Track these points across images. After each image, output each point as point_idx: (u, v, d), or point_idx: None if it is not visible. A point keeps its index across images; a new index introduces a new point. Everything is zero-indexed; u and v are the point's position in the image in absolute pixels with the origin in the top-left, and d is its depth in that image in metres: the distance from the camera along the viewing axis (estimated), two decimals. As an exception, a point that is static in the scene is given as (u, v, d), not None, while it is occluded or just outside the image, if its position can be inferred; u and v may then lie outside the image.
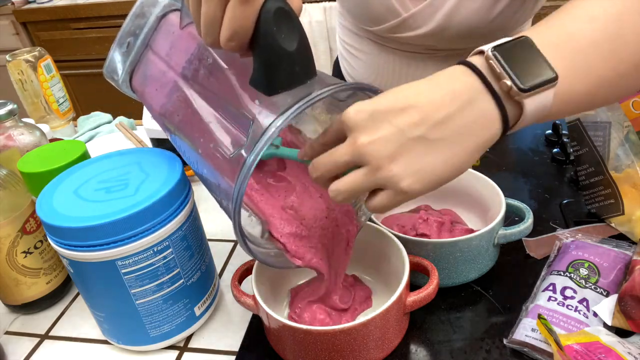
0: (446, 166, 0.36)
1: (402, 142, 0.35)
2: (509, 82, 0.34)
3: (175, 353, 0.51)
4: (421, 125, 0.35)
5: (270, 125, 0.36)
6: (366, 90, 0.40)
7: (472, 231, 0.53)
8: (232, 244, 0.65)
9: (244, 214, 0.46)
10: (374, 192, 0.38)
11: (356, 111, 0.36)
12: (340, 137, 0.38)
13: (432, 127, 0.35)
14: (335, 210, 0.48)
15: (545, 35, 0.37)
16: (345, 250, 0.48)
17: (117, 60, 0.50)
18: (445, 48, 0.79)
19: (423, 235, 0.54)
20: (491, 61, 0.35)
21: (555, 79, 0.35)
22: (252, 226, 0.46)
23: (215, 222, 0.70)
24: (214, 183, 0.42)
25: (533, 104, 0.35)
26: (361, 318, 0.43)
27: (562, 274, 0.50)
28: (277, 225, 0.45)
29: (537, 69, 0.35)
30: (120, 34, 0.49)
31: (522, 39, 0.36)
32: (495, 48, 0.35)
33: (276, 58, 0.36)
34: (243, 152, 0.37)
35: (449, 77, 0.36)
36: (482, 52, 0.36)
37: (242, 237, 0.41)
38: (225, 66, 0.42)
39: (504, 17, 0.74)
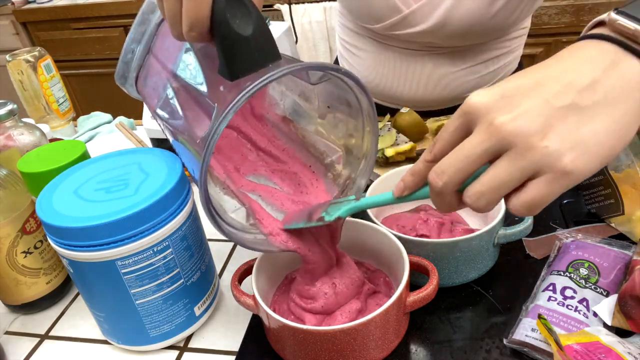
0: (610, 134, 0.30)
1: (550, 113, 0.29)
2: None
3: (175, 353, 0.51)
4: (567, 93, 0.30)
5: (229, 107, 0.36)
6: (332, 71, 0.39)
7: (472, 231, 0.53)
8: (232, 244, 0.66)
9: (230, 201, 0.46)
10: (521, 186, 0.31)
11: (482, 95, 0.31)
12: (459, 139, 0.32)
13: (580, 93, 0.30)
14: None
15: None
16: (332, 244, 0.48)
17: (124, 67, 0.52)
18: (445, 45, 0.79)
19: (423, 235, 0.54)
20: (619, 22, 0.31)
21: None
22: (236, 213, 0.47)
23: (215, 222, 0.70)
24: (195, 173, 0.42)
25: None
26: (361, 318, 0.43)
27: (562, 274, 0.50)
28: (269, 219, 0.46)
29: None
30: (127, 42, 0.51)
31: None
32: (617, 11, 0.31)
33: (233, 44, 0.37)
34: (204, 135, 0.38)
35: (578, 50, 0.32)
36: (602, 23, 0.32)
37: (211, 213, 0.41)
38: (202, 59, 0.44)
39: (503, 14, 0.74)
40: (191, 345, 0.52)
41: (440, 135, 0.34)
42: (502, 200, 0.53)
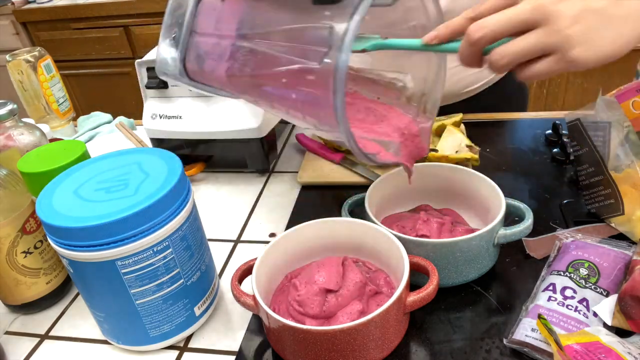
0: (613, 44, 0.38)
1: (585, 8, 0.37)
2: None
3: (175, 353, 0.51)
4: (602, 1, 0.38)
5: (354, 13, 0.39)
6: None
7: (472, 231, 0.52)
8: (232, 244, 0.66)
9: None
10: (535, 59, 0.39)
11: None
12: (503, 6, 0.39)
13: (612, 3, 0.38)
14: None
15: None
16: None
17: (166, 55, 0.53)
18: None
19: (423, 235, 0.54)
20: None
21: None
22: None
23: (215, 222, 0.70)
24: (308, 105, 0.46)
25: None
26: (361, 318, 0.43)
27: (562, 274, 0.50)
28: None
29: None
30: (163, 31, 0.53)
31: None
32: None
33: None
34: (330, 55, 0.40)
35: None
36: None
37: (353, 138, 0.43)
38: (279, 6, 0.48)
39: None
40: (191, 345, 0.52)
41: (488, 1, 0.41)
42: (502, 200, 0.53)
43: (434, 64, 0.53)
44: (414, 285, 0.50)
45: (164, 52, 0.54)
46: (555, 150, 0.74)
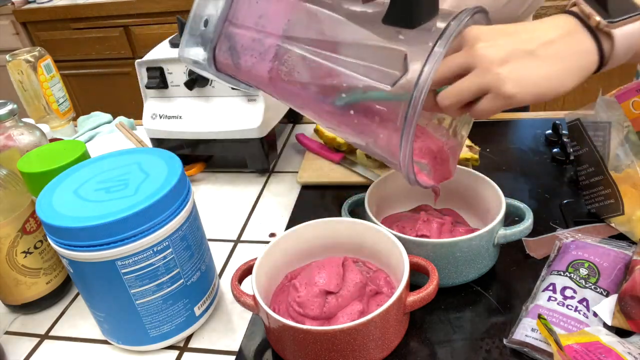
0: (547, 80, 0.41)
1: (513, 51, 0.41)
2: (597, 18, 0.41)
3: (175, 353, 0.51)
4: (532, 42, 0.41)
5: (435, 46, 0.41)
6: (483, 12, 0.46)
7: (472, 231, 0.52)
8: (232, 244, 0.66)
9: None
10: (476, 100, 0.43)
11: (478, 28, 0.43)
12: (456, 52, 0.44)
13: (540, 45, 0.41)
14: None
15: None
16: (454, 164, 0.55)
17: (194, 41, 0.52)
18: None
19: (423, 235, 0.54)
20: (582, 5, 0.42)
21: (638, 9, 0.41)
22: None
23: (215, 222, 0.70)
24: (366, 124, 0.46)
25: (621, 33, 0.41)
26: (361, 318, 0.43)
27: (562, 274, 0.50)
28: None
29: (622, 5, 0.41)
30: (193, 16, 0.51)
31: None
32: None
33: None
34: (405, 79, 0.42)
35: (552, 19, 0.43)
36: (575, 4, 0.43)
37: (412, 171, 0.45)
38: (339, 16, 0.47)
39: (514, 4, 0.74)
40: (191, 345, 0.52)
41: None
42: (502, 200, 0.53)
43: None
44: (414, 285, 0.50)
45: (193, 39, 0.52)
46: (555, 150, 0.74)
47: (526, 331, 0.46)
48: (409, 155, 0.44)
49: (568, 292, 0.48)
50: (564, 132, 0.76)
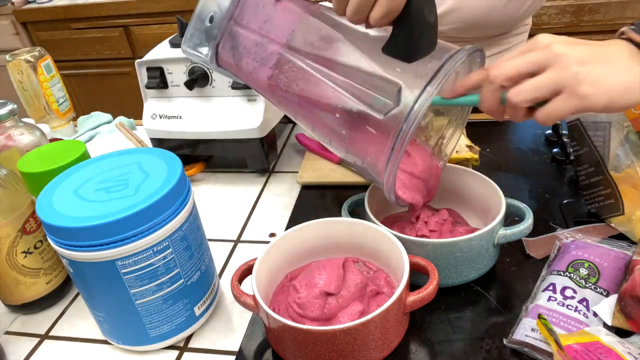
0: (621, 86, 0.42)
1: (591, 55, 0.41)
2: None
3: (175, 353, 0.51)
4: (605, 52, 0.43)
5: (427, 85, 0.42)
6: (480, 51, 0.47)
7: (472, 231, 0.52)
8: (232, 244, 0.66)
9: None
10: (546, 101, 0.43)
11: (547, 35, 0.43)
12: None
13: (613, 56, 0.42)
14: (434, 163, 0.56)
15: None
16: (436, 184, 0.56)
17: (199, 35, 0.52)
18: (453, 36, 0.80)
19: (423, 235, 0.54)
20: (631, 34, 0.43)
21: None
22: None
23: (215, 222, 0.70)
24: (357, 144, 0.47)
25: None
26: (361, 319, 0.43)
27: (562, 274, 0.50)
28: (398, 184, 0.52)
29: None
30: (200, 9, 0.51)
31: None
32: (633, 26, 0.44)
33: (422, 30, 0.43)
34: (397, 111, 0.43)
35: (611, 41, 0.45)
36: (623, 33, 0.45)
37: (394, 193, 0.47)
38: (341, 36, 0.48)
39: (515, 4, 0.74)
40: (191, 345, 0.52)
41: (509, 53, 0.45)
42: (502, 200, 0.53)
43: (460, 112, 0.56)
44: (414, 285, 0.50)
45: (198, 33, 0.52)
46: (555, 150, 0.74)
47: (526, 331, 0.46)
48: (392, 181, 0.46)
49: (568, 292, 0.48)
50: (564, 132, 0.76)
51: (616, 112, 0.44)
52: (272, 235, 0.66)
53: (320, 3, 0.52)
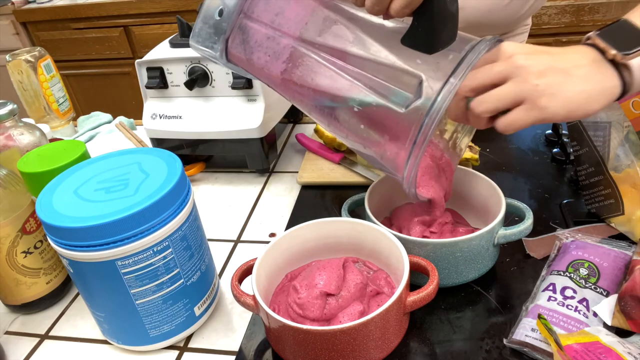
0: (580, 97, 0.43)
1: (551, 66, 0.42)
2: (612, 51, 0.43)
3: (175, 353, 0.51)
4: (566, 62, 0.43)
5: (450, 77, 0.41)
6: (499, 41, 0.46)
7: (472, 231, 0.52)
8: (232, 243, 0.66)
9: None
10: (507, 111, 0.44)
11: (513, 43, 0.44)
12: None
13: (573, 66, 0.43)
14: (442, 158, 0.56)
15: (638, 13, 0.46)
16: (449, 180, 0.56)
17: (207, 29, 0.51)
18: None
19: (423, 235, 0.54)
20: (596, 40, 0.45)
21: None
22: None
23: (215, 222, 0.70)
24: (374, 138, 0.46)
25: (638, 63, 0.43)
26: (361, 318, 0.43)
27: (562, 274, 0.50)
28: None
29: (635, 38, 0.44)
30: (208, 2, 0.50)
31: (620, 21, 0.45)
32: (597, 33, 0.45)
33: (444, 20, 0.41)
34: (419, 103, 0.42)
35: (575, 48, 0.45)
36: (589, 39, 0.46)
37: (415, 189, 0.46)
38: (356, 28, 0.47)
39: (516, 4, 0.74)
40: (191, 345, 0.52)
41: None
42: (502, 200, 0.53)
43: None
44: (414, 285, 0.50)
45: (207, 27, 0.51)
46: (555, 150, 0.74)
47: (526, 331, 0.46)
48: (414, 175, 0.45)
49: (568, 292, 0.48)
50: (564, 132, 0.76)
51: (580, 119, 0.45)
52: (272, 235, 0.66)
53: None
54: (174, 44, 0.73)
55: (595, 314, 0.47)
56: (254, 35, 0.49)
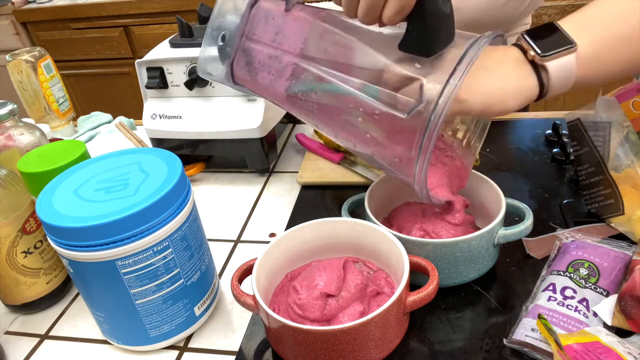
0: (496, 92, 0.45)
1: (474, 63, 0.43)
2: (532, 52, 0.46)
3: (175, 353, 0.51)
4: (489, 60, 0.46)
5: (450, 78, 0.41)
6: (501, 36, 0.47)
7: (472, 231, 0.52)
8: (232, 244, 0.66)
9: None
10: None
11: None
12: None
13: (495, 63, 0.46)
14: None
15: (570, 18, 0.49)
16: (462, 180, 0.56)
17: (213, 55, 0.52)
18: None
19: (423, 235, 0.54)
20: (521, 41, 0.47)
21: (572, 44, 0.46)
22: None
23: (215, 222, 0.70)
24: (383, 146, 0.47)
25: (555, 66, 0.46)
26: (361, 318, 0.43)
27: (562, 274, 0.50)
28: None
29: (556, 41, 0.46)
30: (210, 30, 0.51)
31: (549, 23, 0.47)
32: (525, 33, 0.47)
33: (438, 22, 0.42)
34: (420, 108, 0.42)
35: (503, 48, 0.48)
36: (519, 38, 0.48)
37: (427, 192, 0.46)
38: (354, 39, 0.47)
39: (513, 3, 0.74)
40: (191, 345, 0.52)
41: None
42: (502, 200, 0.53)
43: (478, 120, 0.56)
44: (414, 285, 0.50)
45: (212, 53, 0.52)
46: (555, 150, 0.74)
47: (526, 331, 0.46)
48: (424, 179, 0.45)
49: (568, 292, 0.48)
50: (564, 132, 0.76)
51: (495, 116, 0.47)
52: (272, 235, 0.66)
53: (329, 7, 0.52)
54: (174, 44, 0.73)
55: (595, 314, 0.47)
56: (257, 56, 0.51)
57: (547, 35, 0.46)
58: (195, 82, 0.70)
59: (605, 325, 0.46)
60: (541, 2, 0.80)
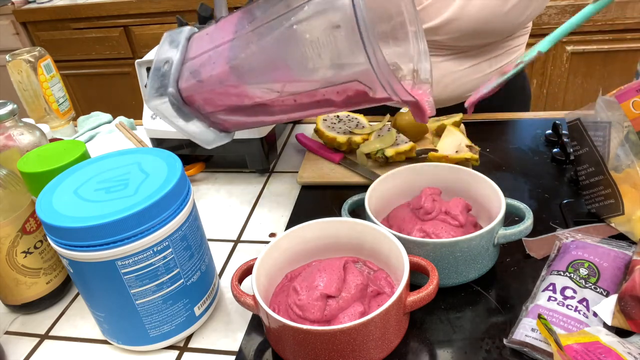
0: None
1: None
2: None
3: (175, 353, 0.51)
4: None
5: None
6: None
7: (472, 231, 0.52)
8: (232, 243, 0.66)
9: None
10: None
11: None
12: None
13: None
14: None
15: None
16: None
17: (156, 87, 0.55)
18: (454, 45, 0.79)
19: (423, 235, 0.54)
20: None
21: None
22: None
23: (215, 222, 0.70)
24: (335, 68, 0.46)
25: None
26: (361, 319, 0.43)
27: (562, 274, 0.50)
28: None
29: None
30: (155, 64, 0.55)
31: None
32: None
33: None
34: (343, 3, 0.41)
35: None
36: None
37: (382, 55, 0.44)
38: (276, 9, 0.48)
39: (516, 11, 0.74)
40: (191, 345, 0.52)
41: None
42: (502, 200, 0.53)
43: (417, 41, 0.57)
44: (414, 285, 0.50)
45: (156, 84, 0.55)
46: (555, 150, 0.74)
47: (526, 331, 0.46)
48: (386, 70, 0.43)
49: (568, 292, 0.48)
50: (564, 132, 0.76)
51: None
52: (272, 235, 0.66)
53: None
54: (174, 44, 0.73)
55: (595, 314, 0.47)
56: (198, 62, 0.53)
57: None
58: (195, 82, 0.70)
59: (605, 325, 0.46)
60: (542, 9, 0.80)
